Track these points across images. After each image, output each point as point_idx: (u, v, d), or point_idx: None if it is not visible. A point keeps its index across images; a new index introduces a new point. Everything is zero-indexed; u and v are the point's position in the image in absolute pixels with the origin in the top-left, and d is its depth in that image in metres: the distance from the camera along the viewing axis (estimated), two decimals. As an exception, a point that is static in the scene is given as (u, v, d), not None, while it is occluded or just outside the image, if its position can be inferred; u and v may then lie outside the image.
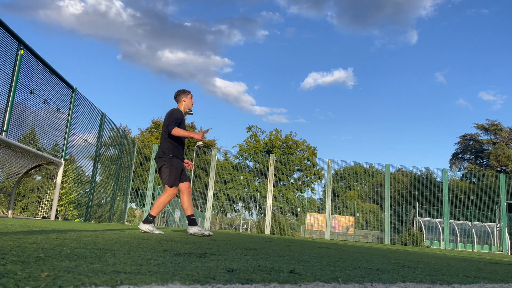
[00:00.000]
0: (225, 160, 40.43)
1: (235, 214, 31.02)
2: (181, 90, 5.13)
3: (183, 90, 5.13)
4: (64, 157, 10.03)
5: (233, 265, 1.45)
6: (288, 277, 1.22)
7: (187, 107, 5.10)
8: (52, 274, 0.93)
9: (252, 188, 38.50)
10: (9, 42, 7.37)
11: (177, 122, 4.79)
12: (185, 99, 5.07)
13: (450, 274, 1.90)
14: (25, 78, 7.97)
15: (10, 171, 8.50)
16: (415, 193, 22.42)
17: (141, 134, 41.03)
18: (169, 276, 1.03)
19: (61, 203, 11.13)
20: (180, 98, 5.07)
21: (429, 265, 2.43)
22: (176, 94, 5.12)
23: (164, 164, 4.76)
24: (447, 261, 3.44)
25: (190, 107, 5.13)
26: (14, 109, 7.64)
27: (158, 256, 1.57)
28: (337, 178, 41.44)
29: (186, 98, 5.08)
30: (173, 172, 4.74)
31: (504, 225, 19.35)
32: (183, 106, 5.06)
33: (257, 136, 45.48)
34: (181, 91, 5.12)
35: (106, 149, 14.45)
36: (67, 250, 1.51)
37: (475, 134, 46.48)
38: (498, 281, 1.70)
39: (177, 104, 5.10)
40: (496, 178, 21.81)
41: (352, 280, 1.28)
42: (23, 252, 1.33)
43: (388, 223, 18.64)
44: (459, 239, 21.63)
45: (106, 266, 1.15)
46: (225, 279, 1.07)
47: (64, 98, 10.00)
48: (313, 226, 23.13)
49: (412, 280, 1.43)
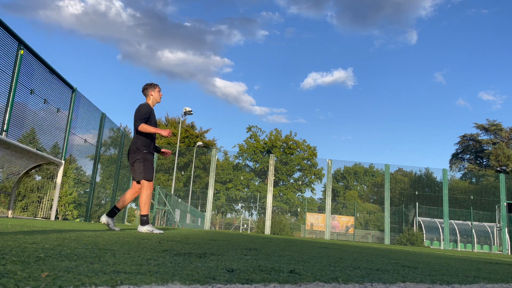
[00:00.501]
0: (225, 160, 40.43)
1: (235, 214, 31.03)
2: (149, 83, 5.12)
3: (151, 84, 5.11)
4: (64, 157, 10.03)
5: (233, 265, 1.45)
6: (288, 277, 1.22)
7: (155, 100, 5.09)
8: (52, 274, 0.93)
9: (252, 188, 38.50)
10: (9, 42, 7.36)
11: (145, 118, 4.82)
12: (152, 93, 5.05)
13: (450, 274, 1.90)
14: (25, 78, 7.96)
15: (10, 171, 8.50)
16: (415, 193, 22.42)
17: (141, 134, 41.02)
18: (169, 276, 1.03)
19: (61, 203, 11.13)
20: (147, 92, 5.05)
21: (429, 265, 2.43)
22: (144, 88, 5.10)
23: (138, 159, 4.80)
24: (447, 261, 3.43)
25: (159, 101, 5.12)
26: (14, 109, 7.64)
27: (158, 256, 1.57)
28: (337, 178, 41.44)
29: (154, 91, 5.06)
30: (147, 166, 4.81)
31: (504, 225, 19.35)
32: (151, 100, 5.05)
33: (257, 136, 45.49)
34: (148, 84, 5.10)
35: (106, 149, 14.45)
36: (67, 250, 1.51)
37: (475, 134, 46.51)
38: (498, 281, 1.70)
39: (145, 98, 5.09)
40: (496, 178, 21.81)
41: (352, 280, 1.29)
42: (23, 252, 1.33)
43: (388, 223, 18.64)
44: (459, 239, 21.63)
45: (106, 266, 1.15)
46: (225, 279, 1.07)
47: (64, 98, 10.00)
48: (313, 226, 23.13)
49: (412, 280, 1.43)
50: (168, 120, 42.64)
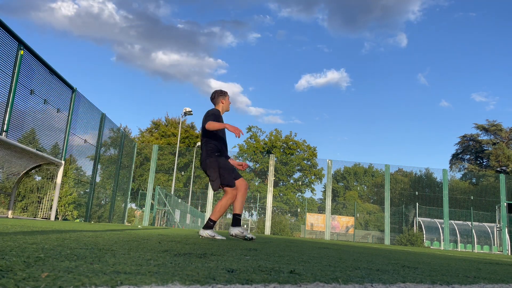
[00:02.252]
0: (225, 160, 40.41)
1: (235, 215, 30.99)
2: (218, 91, 4.89)
3: (221, 92, 4.88)
4: (64, 158, 10.03)
5: (233, 265, 1.45)
6: (288, 277, 1.22)
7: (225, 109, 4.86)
8: (52, 274, 0.93)
9: (252, 188, 38.49)
10: (9, 42, 7.37)
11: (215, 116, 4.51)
12: (223, 101, 4.83)
13: (450, 274, 1.90)
14: (25, 78, 7.97)
15: (10, 171, 8.49)
16: (415, 194, 22.41)
17: (141, 134, 41.03)
18: (169, 277, 1.03)
19: (61, 204, 11.13)
20: (218, 100, 4.83)
21: (429, 266, 2.43)
22: (213, 96, 4.86)
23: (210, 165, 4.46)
24: (447, 261, 3.43)
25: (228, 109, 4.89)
26: (14, 109, 7.64)
27: (158, 257, 1.57)
28: (337, 178, 41.44)
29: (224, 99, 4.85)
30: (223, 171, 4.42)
31: (504, 226, 19.35)
32: (220, 107, 4.83)
33: (257, 137, 45.51)
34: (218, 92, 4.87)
35: (106, 150, 14.45)
36: (67, 251, 1.51)
37: (475, 134, 46.50)
38: (498, 282, 1.70)
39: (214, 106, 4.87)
40: (496, 179, 21.81)
41: (352, 280, 1.28)
42: (23, 252, 1.33)
43: (388, 223, 18.64)
44: (459, 239, 21.63)
45: (106, 266, 1.15)
46: (225, 279, 1.07)
47: (64, 98, 10.00)
48: (313, 226, 23.12)
49: (412, 280, 1.43)
50: (168, 120, 42.62)
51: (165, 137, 40.65)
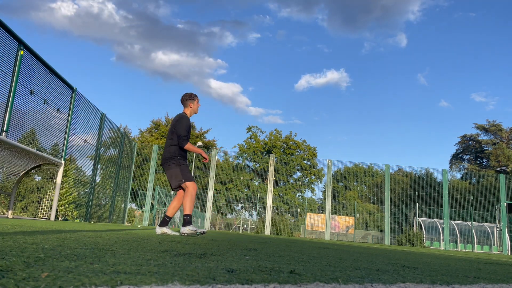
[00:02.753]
0: (225, 160, 40.41)
1: (235, 215, 31.02)
2: (188, 94, 5.03)
3: (190, 95, 5.03)
4: (64, 158, 10.03)
5: (233, 265, 1.45)
6: (288, 277, 1.22)
7: (194, 112, 5.05)
8: (52, 274, 0.93)
9: (252, 188, 38.48)
10: (9, 42, 7.37)
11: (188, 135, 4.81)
12: (191, 104, 5.00)
13: (450, 274, 1.90)
14: (25, 78, 7.97)
15: (10, 171, 8.49)
16: (415, 194, 22.41)
17: (141, 134, 41.04)
18: (169, 277, 1.03)
19: (61, 204, 11.13)
20: (187, 103, 4.99)
21: (429, 266, 2.43)
22: (183, 99, 5.01)
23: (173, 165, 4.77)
24: (447, 261, 3.43)
25: (197, 112, 5.07)
26: (14, 109, 7.64)
27: (158, 257, 1.57)
28: (337, 178, 41.43)
29: (193, 103, 5.01)
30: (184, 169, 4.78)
31: (504, 226, 19.35)
32: (189, 111, 5.00)
33: (257, 137, 45.51)
34: (188, 95, 5.02)
35: (106, 150, 14.45)
36: (67, 251, 1.51)
37: (475, 134, 46.49)
38: (498, 282, 1.70)
39: (183, 108, 5.02)
40: (496, 179, 21.81)
41: (352, 280, 1.28)
42: (23, 252, 1.33)
43: (388, 223, 18.64)
44: (459, 239, 21.62)
45: (106, 266, 1.15)
46: (225, 279, 1.07)
47: (64, 98, 10.00)
48: (313, 226, 23.12)
49: (412, 280, 1.43)
50: (168, 120, 42.61)
51: (165, 137, 40.68)
